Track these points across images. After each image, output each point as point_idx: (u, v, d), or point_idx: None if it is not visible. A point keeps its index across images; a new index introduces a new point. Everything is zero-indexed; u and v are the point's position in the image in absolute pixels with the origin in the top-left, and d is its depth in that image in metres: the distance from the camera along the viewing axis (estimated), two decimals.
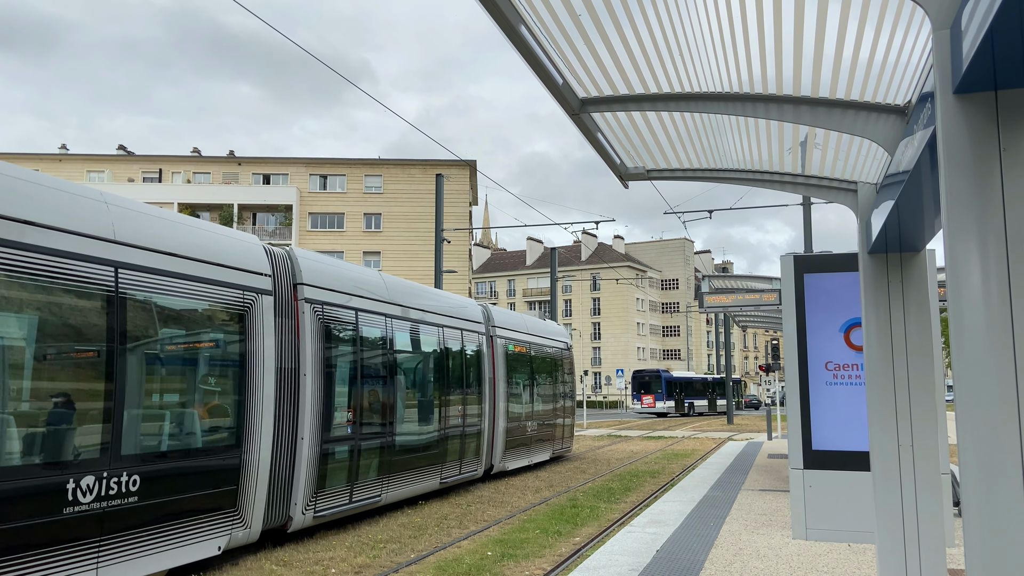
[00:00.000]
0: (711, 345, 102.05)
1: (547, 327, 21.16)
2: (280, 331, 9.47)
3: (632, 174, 7.18)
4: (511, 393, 17.24)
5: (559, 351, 21.43)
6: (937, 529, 5.60)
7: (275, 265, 9.65)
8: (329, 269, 10.91)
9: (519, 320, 19.20)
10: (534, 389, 18.94)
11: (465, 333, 15.10)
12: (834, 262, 9.41)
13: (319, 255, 11.17)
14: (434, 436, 13.39)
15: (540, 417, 19.22)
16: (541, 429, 19.27)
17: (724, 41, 4.45)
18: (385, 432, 11.77)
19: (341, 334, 10.89)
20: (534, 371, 19.16)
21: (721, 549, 8.82)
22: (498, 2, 3.95)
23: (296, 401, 9.71)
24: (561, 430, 21.07)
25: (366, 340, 11.57)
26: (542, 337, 20.20)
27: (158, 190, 56.76)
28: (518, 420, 17.64)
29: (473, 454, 15.02)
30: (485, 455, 15.69)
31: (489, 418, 15.95)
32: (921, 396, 5.60)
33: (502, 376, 16.74)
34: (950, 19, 2.87)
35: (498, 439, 16.39)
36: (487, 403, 15.81)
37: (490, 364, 16.26)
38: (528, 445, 18.32)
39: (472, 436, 14.97)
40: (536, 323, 20.47)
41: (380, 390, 11.80)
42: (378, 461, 11.48)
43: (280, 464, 9.35)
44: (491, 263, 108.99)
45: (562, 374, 21.51)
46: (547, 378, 20.25)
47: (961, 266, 2.75)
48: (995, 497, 2.65)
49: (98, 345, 6.90)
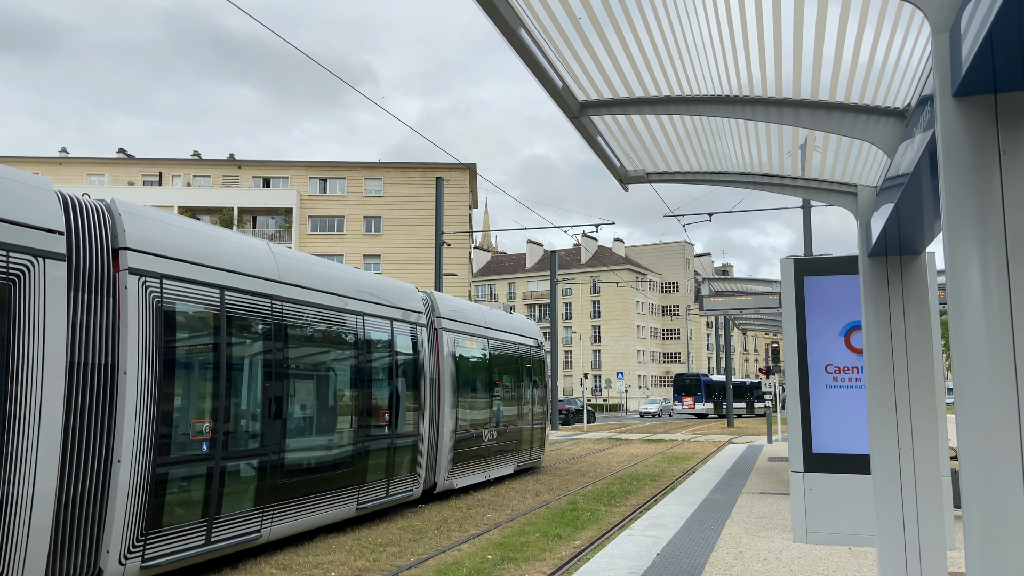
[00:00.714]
0: (711, 348, 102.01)
1: (513, 321, 18.74)
2: (82, 312, 7.08)
3: (632, 177, 7.18)
4: (463, 397, 14.75)
5: (528, 349, 19.01)
6: (938, 532, 5.59)
7: (77, 220, 7.22)
8: (175, 233, 8.28)
9: (476, 312, 16.46)
10: (494, 392, 16.41)
11: (397, 324, 12.48)
12: (834, 265, 9.41)
13: (164, 213, 8.55)
14: (346, 451, 10.84)
15: (501, 425, 16.66)
16: (502, 439, 16.70)
17: (724, 44, 4.46)
18: (267, 449, 9.15)
19: (195, 320, 8.35)
20: (494, 371, 16.57)
21: (721, 552, 8.81)
22: (498, 5, 3.95)
23: (108, 410, 7.24)
24: (528, 439, 18.54)
25: (240, 329, 8.89)
26: (506, 332, 17.73)
27: (158, 193, 56.79)
28: (471, 429, 15.10)
29: (407, 470, 12.46)
30: (424, 471, 13.12)
31: (431, 427, 13.41)
32: (921, 399, 5.60)
33: (450, 377, 14.16)
34: (949, 22, 2.87)
35: (443, 452, 13.77)
36: (427, 409, 13.22)
37: (433, 362, 13.76)
38: (485, 457, 15.74)
39: (405, 449, 12.41)
40: (499, 316, 17.89)
41: (260, 394, 9.16)
42: (255, 487, 8.90)
43: (76, 497, 6.93)
44: (491, 266, 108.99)
45: (531, 375, 19.04)
46: (511, 379, 17.76)
47: (961, 269, 2.75)
48: (996, 500, 2.65)
49: None
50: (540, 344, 20.17)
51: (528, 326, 19.72)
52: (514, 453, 17.54)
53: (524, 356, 18.69)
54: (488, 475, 15.95)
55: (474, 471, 15.28)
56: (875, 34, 4.04)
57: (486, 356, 16.30)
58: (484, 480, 15.75)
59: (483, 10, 3.96)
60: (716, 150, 6.50)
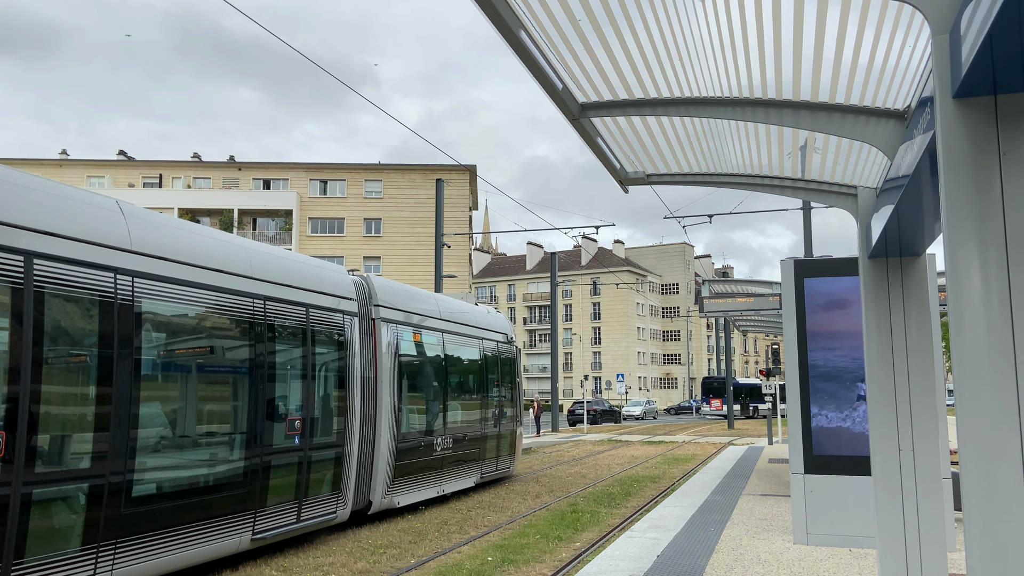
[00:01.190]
0: (711, 350, 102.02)
1: (477, 314, 16.54)
2: None
3: (632, 179, 7.18)
4: (408, 399, 12.86)
5: (495, 345, 16.92)
6: (938, 534, 5.59)
7: None
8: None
9: (428, 301, 14.44)
10: (449, 394, 14.42)
11: (316, 312, 10.31)
12: (834, 266, 9.41)
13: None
14: (233, 469, 8.67)
15: (459, 431, 14.59)
16: (461, 447, 14.59)
17: (723, 45, 4.46)
18: (102, 468, 7.03)
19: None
20: (450, 370, 14.58)
21: (722, 554, 8.80)
22: (498, 7, 3.96)
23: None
24: (495, 447, 16.35)
25: (61, 310, 6.86)
26: (466, 326, 15.56)
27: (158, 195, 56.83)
28: (420, 436, 13.08)
29: (327, 489, 10.34)
30: (353, 489, 11.03)
31: (363, 436, 11.37)
32: (922, 400, 5.60)
33: (390, 376, 12.14)
34: (949, 23, 2.87)
35: (380, 464, 11.77)
36: (358, 414, 11.13)
37: (368, 358, 11.76)
38: (437, 469, 13.65)
39: (324, 464, 10.28)
40: (458, 307, 15.73)
41: (93, 399, 7.10)
42: (83, 518, 6.81)
43: None
44: (491, 268, 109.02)
45: (500, 375, 16.98)
46: (473, 379, 15.74)
47: (961, 270, 2.75)
48: (996, 501, 2.64)
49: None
50: (510, 340, 18.05)
51: (496, 320, 17.66)
52: (476, 463, 15.38)
53: (490, 353, 16.55)
54: (442, 490, 13.83)
55: (423, 486, 13.13)
56: (875, 35, 4.04)
57: (441, 352, 14.19)
58: (437, 496, 13.70)
59: (483, 12, 3.96)
60: (716, 151, 6.51)
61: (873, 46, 4.14)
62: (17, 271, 6.41)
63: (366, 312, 11.92)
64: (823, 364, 9.32)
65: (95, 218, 7.38)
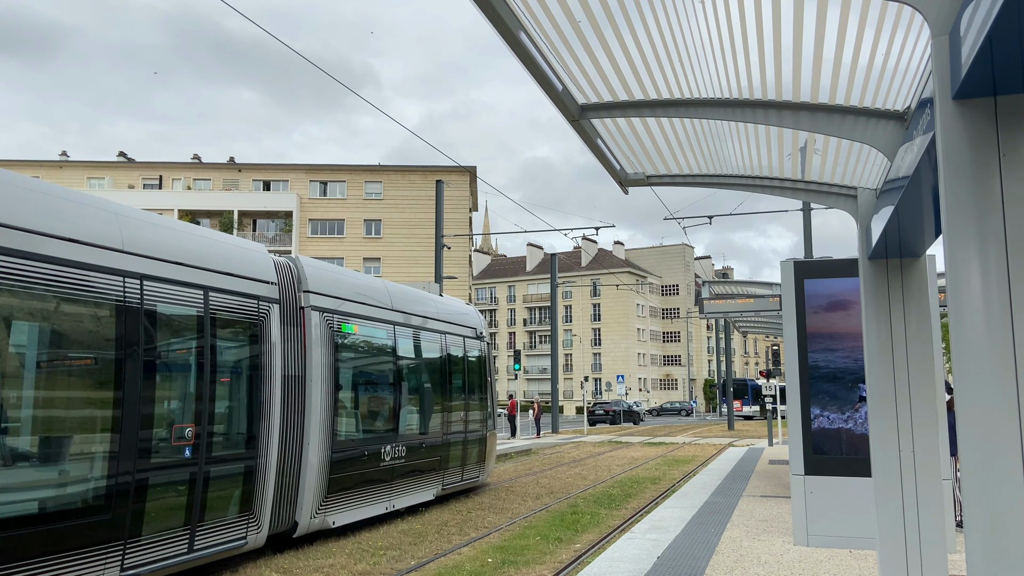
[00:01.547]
0: (711, 351, 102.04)
1: (440, 306, 14.69)
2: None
3: (632, 180, 7.18)
4: (349, 402, 11.17)
5: (461, 340, 15.09)
6: (938, 535, 5.58)
7: None
8: None
9: (376, 289, 12.39)
10: (402, 394, 12.53)
11: (217, 297, 8.45)
12: (834, 267, 9.41)
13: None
14: (93, 489, 6.91)
15: (415, 438, 12.78)
16: (418, 456, 12.77)
17: (723, 47, 4.46)
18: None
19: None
20: (404, 367, 12.71)
21: (722, 555, 8.80)
22: (498, 9, 3.96)
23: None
24: (461, 454, 14.54)
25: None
26: (427, 319, 13.77)
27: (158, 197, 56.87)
28: (363, 445, 11.31)
29: (233, 509, 8.55)
30: (271, 508, 9.23)
31: (284, 445, 9.58)
32: (922, 401, 5.60)
33: (324, 374, 10.36)
34: (949, 25, 2.87)
35: (309, 478, 9.95)
36: (276, 419, 9.26)
37: (295, 354, 9.99)
38: (386, 482, 11.86)
39: (228, 480, 8.52)
40: (417, 297, 13.80)
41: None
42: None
43: None
44: (491, 269, 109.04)
45: (467, 373, 15.14)
46: (435, 379, 13.92)
47: (961, 271, 2.75)
48: (997, 502, 2.64)
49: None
50: (480, 335, 16.07)
51: (464, 312, 15.81)
52: (437, 473, 13.57)
53: (455, 348, 14.74)
54: (391, 504, 12.04)
55: (367, 501, 11.35)
56: (875, 37, 4.04)
57: (392, 347, 12.40)
58: (385, 512, 11.95)
59: (483, 13, 3.96)
60: (716, 153, 6.51)
61: (873, 47, 4.14)
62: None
63: (293, 299, 10.14)
64: (824, 365, 9.33)
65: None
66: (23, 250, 6.41)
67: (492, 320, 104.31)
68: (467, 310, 16.10)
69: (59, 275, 6.74)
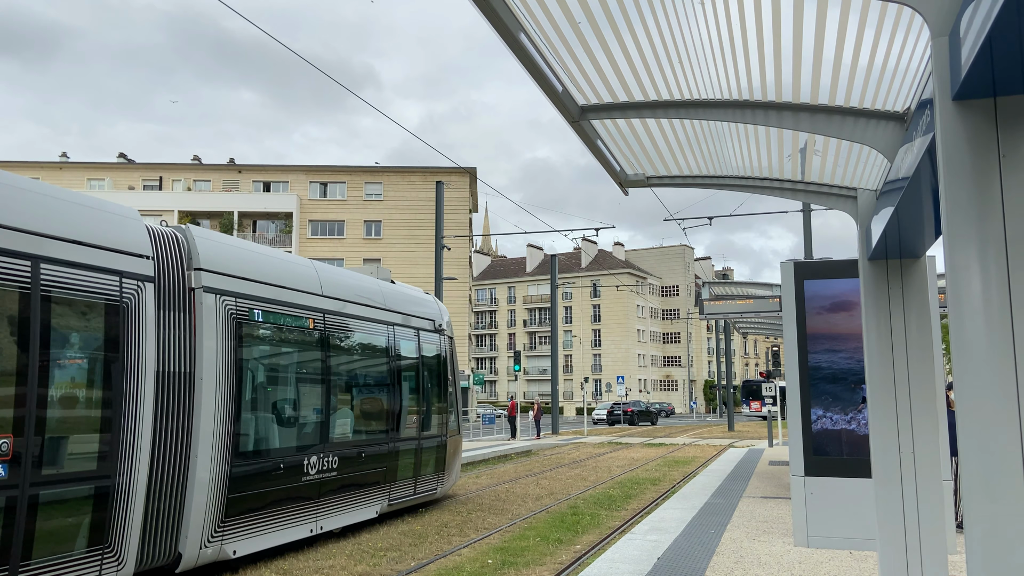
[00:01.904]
0: (711, 352, 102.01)
1: (389, 293, 12.67)
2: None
3: (632, 181, 7.18)
4: (257, 405, 9.31)
5: (415, 333, 13.15)
6: (939, 536, 5.58)
7: None
8: None
9: (299, 272, 10.28)
10: (335, 396, 10.72)
11: (50, 270, 6.66)
12: (834, 268, 9.41)
13: None
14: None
15: (351, 446, 10.89)
16: (354, 467, 10.86)
17: (723, 48, 4.46)
18: None
19: None
20: (336, 364, 10.80)
21: (722, 557, 8.79)
22: (498, 10, 3.96)
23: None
24: (413, 464, 12.62)
25: None
26: (369, 307, 11.78)
27: (158, 198, 56.89)
28: (277, 456, 9.41)
29: (80, 542, 6.80)
30: (138, 539, 7.40)
31: (159, 458, 7.73)
32: (922, 403, 5.59)
33: (221, 370, 8.47)
34: (948, 26, 2.87)
35: (195, 499, 8.08)
36: (146, 427, 7.46)
37: (178, 345, 8.07)
38: (311, 499, 9.89)
39: (69, 506, 6.75)
40: (356, 283, 11.78)
41: None
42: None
43: None
44: (491, 270, 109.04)
45: (421, 370, 13.36)
46: (380, 377, 12.07)
47: (961, 272, 2.75)
48: (997, 504, 2.64)
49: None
50: (440, 327, 14.15)
51: (420, 302, 13.82)
52: (381, 487, 11.66)
53: (407, 342, 12.87)
54: (319, 526, 10.07)
55: (282, 523, 9.37)
56: (874, 38, 4.04)
57: (321, 339, 10.44)
58: (309, 536, 9.95)
59: (483, 14, 3.96)
60: (716, 154, 6.51)
61: (872, 48, 4.14)
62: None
63: (178, 278, 8.22)
64: (828, 366, 9.32)
65: None
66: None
67: (492, 321, 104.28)
68: (424, 300, 14.13)
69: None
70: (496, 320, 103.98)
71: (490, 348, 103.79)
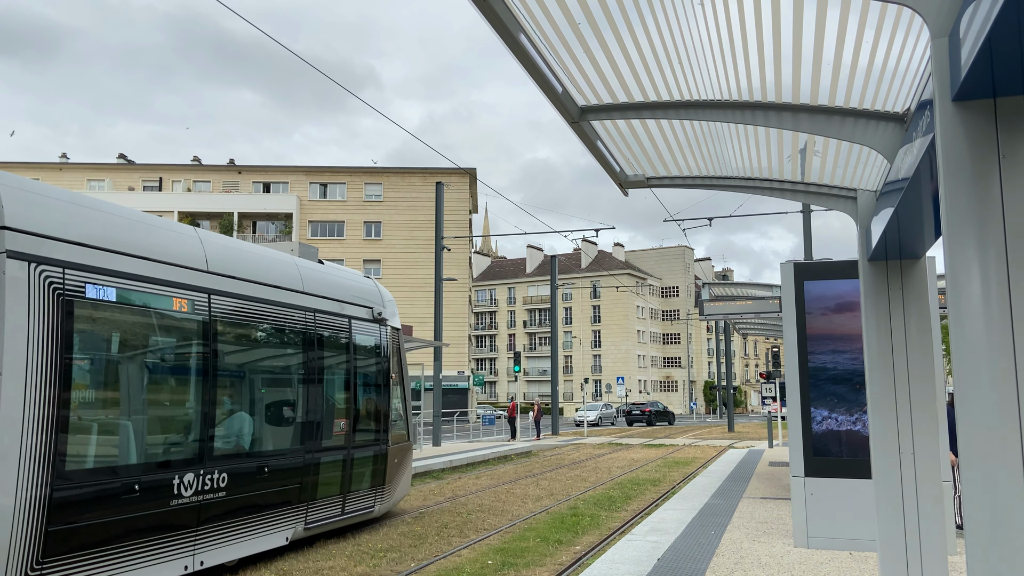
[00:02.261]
0: (711, 353, 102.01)
1: (306, 272, 10.40)
2: None
3: (632, 182, 7.18)
4: (99, 408, 7.30)
5: (343, 322, 10.93)
6: (939, 537, 5.58)
7: None
8: None
9: (177, 238, 8.37)
10: (227, 399, 8.82)
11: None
12: (834, 269, 9.41)
13: None
14: None
15: (244, 460, 8.80)
16: (250, 485, 8.77)
17: (723, 48, 4.46)
18: None
19: None
20: (228, 358, 8.86)
21: (722, 557, 8.79)
22: (498, 11, 3.96)
23: None
24: (340, 479, 10.55)
25: None
26: (275, 288, 9.55)
27: (158, 199, 56.90)
28: (127, 475, 7.28)
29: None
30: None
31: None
32: (922, 404, 5.59)
33: (36, 363, 6.48)
34: (948, 27, 2.87)
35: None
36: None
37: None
38: (189, 528, 7.89)
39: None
40: (259, 257, 9.64)
41: None
42: None
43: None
44: (491, 271, 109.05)
45: (352, 367, 11.13)
46: (290, 374, 10.00)
47: (961, 273, 2.75)
48: (997, 505, 2.64)
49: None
50: (380, 316, 12.00)
51: (355, 287, 11.68)
52: (293, 507, 9.53)
53: (332, 332, 10.70)
54: (196, 562, 8.00)
55: (136, 560, 7.29)
56: (874, 38, 4.04)
57: (203, 326, 8.33)
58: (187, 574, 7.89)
59: (483, 15, 3.96)
60: (716, 154, 6.51)
61: (872, 49, 4.14)
62: None
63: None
64: (833, 367, 9.31)
65: None
66: None
67: (492, 322, 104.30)
68: (361, 285, 11.93)
69: None
70: (496, 321, 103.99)
71: (490, 349, 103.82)
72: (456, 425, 39.87)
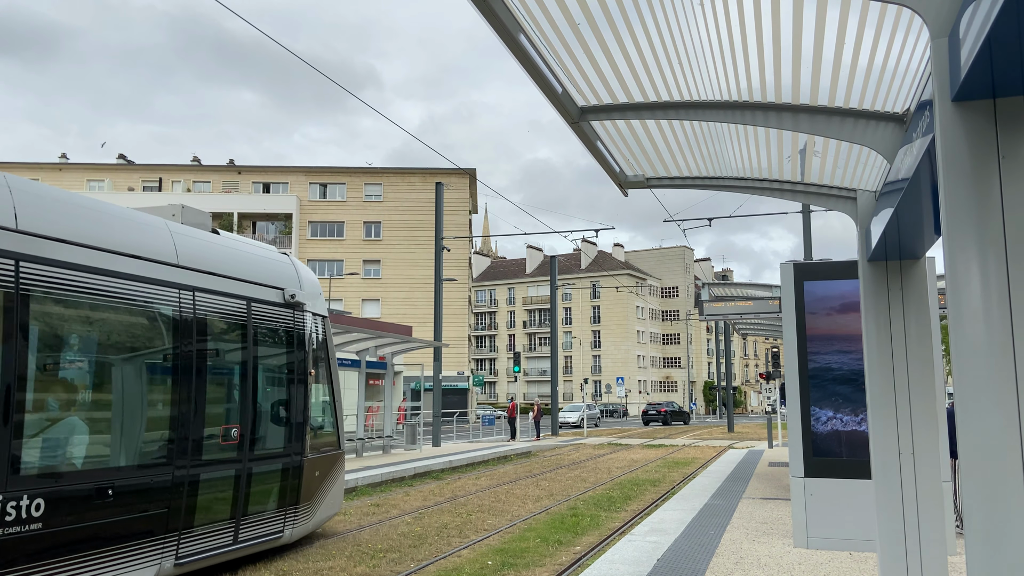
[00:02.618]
0: (711, 353, 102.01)
1: (188, 242, 8.37)
2: None
3: (631, 182, 7.18)
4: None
5: (241, 306, 8.87)
6: (939, 538, 5.58)
7: None
8: None
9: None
10: (40, 402, 6.57)
11: None
12: (834, 269, 9.41)
13: None
14: None
15: (73, 481, 6.59)
16: (84, 515, 6.56)
17: (723, 49, 4.47)
18: None
19: None
20: (44, 347, 6.64)
21: (722, 558, 8.79)
22: (497, 11, 3.96)
23: None
24: (233, 501, 8.51)
25: None
26: (128, 257, 7.41)
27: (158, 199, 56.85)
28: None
29: None
30: None
31: None
32: (921, 404, 5.59)
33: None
34: (948, 27, 2.87)
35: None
36: None
37: None
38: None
39: None
40: (110, 218, 7.48)
41: None
42: None
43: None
44: (491, 271, 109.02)
45: (254, 361, 9.07)
46: (157, 368, 7.89)
47: (961, 273, 2.75)
48: (997, 505, 2.64)
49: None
50: (294, 299, 9.86)
51: (261, 263, 9.59)
52: (156, 539, 7.40)
53: (222, 319, 8.65)
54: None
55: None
56: (874, 39, 4.05)
57: (6, 302, 6.18)
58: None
59: (483, 15, 3.97)
60: (716, 155, 6.51)
61: (872, 49, 4.15)
62: None
63: None
64: (839, 367, 9.30)
65: None
66: None
67: (492, 322, 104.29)
68: (270, 261, 9.84)
69: None
70: (496, 321, 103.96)
71: (490, 349, 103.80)
72: (456, 425, 39.87)
